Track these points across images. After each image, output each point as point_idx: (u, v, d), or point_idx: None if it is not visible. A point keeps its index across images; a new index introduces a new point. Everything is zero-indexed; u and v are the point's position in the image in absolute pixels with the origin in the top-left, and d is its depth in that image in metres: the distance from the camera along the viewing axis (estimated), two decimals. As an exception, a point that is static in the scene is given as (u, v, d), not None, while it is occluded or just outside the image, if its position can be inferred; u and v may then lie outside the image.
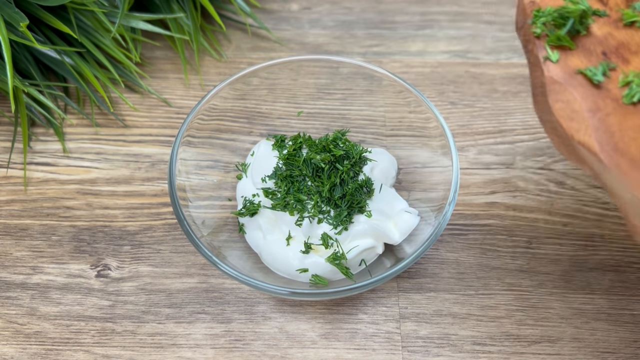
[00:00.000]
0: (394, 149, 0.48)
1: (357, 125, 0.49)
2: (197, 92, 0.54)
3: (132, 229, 0.47)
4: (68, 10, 0.50)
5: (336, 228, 0.41)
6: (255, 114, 0.49)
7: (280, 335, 0.42)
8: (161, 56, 0.57)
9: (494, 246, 0.46)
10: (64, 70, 0.51)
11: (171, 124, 0.52)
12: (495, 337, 0.42)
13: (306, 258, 0.41)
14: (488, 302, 0.43)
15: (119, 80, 0.52)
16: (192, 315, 0.43)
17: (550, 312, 0.43)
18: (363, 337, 0.42)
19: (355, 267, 0.41)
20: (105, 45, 0.51)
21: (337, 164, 0.42)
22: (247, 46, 0.58)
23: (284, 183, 0.42)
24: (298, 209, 0.41)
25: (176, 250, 0.46)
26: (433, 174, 0.44)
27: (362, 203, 0.41)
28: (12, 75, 0.45)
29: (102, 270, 0.45)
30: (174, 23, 0.54)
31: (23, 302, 0.43)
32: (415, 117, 0.46)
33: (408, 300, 0.43)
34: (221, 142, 0.47)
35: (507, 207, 0.48)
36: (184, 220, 0.40)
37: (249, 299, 0.43)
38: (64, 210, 0.47)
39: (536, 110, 0.32)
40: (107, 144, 0.51)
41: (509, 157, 0.50)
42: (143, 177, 0.49)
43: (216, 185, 0.46)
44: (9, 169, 0.50)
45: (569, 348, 0.42)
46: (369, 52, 0.57)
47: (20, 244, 0.46)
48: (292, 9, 0.61)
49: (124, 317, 0.43)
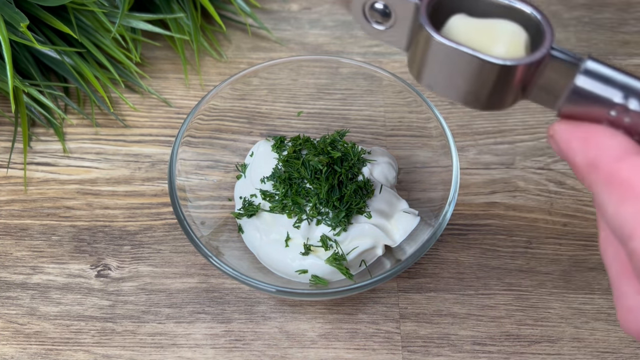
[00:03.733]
0: (394, 149, 0.48)
1: (357, 125, 0.49)
2: (197, 92, 0.54)
3: (132, 229, 0.47)
4: (68, 10, 0.50)
5: (335, 229, 0.41)
6: (255, 114, 0.49)
7: (280, 335, 0.42)
8: (161, 56, 0.57)
9: (493, 246, 0.46)
10: (64, 70, 0.51)
11: (171, 124, 0.52)
12: (495, 337, 0.42)
13: (305, 259, 0.41)
14: (488, 302, 0.43)
15: (119, 80, 0.52)
16: (192, 315, 0.43)
17: (550, 312, 0.43)
18: (363, 337, 0.42)
19: (355, 267, 0.41)
20: (105, 45, 0.51)
21: (335, 165, 0.42)
22: (247, 46, 0.58)
23: (282, 185, 0.42)
24: (296, 212, 0.41)
25: (176, 250, 0.46)
26: (433, 174, 0.44)
27: (361, 204, 0.41)
28: (12, 76, 0.45)
29: (102, 270, 0.45)
30: (174, 23, 0.54)
31: (23, 302, 0.43)
32: (415, 117, 0.46)
33: (408, 300, 0.43)
34: (221, 142, 0.47)
35: (507, 207, 0.48)
36: (184, 220, 0.40)
37: (249, 299, 0.43)
38: (64, 210, 0.47)
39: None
40: (107, 144, 0.51)
41: (509, 157, 0.50)
42: (143, 177, 0.49)
43: (216, 186, 0.46)
44: (9, 169, 0.50)
45: (568, 348, 0.42)
46: (369, 52, 0.57)
47: (20, 244, 0.46)
48: (292, 9, 0.61)
49: (124, 317, 0.43)
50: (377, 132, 0.49)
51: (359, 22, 0.25)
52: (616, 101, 0.22)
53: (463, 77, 0.22)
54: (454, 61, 0.22)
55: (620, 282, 0.21)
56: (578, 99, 0.22)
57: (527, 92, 0.23)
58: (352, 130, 0.49)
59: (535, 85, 0.23)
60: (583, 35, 0.58)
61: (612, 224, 0.20)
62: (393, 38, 0.24)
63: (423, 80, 0.24)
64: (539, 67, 0.22)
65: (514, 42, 0.22)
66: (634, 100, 0.21)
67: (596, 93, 0.22)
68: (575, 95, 0.22)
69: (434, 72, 0.23)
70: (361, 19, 0.25)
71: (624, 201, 0.19)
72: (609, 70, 0.22)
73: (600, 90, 0.22)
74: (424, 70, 0.24)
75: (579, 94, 0.22)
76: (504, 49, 0.22)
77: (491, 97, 0.23)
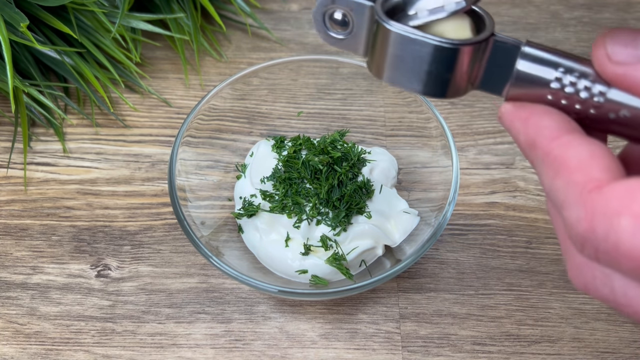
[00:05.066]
0: (394, 149, 0.48)
1: (357, 125, 0.49)
2: (197, 92, 0.54)
3: (132, 229, 0.47)
4: (68, 10, 0.50)
5: (334, 229, 0.41)
6: (255, 114, 0.49)
7: (280, 335, 0.42)
8: (161, 56, 0.57)
9: (493, 246, 0.46)
10: (64, 71, 0.51)
11: (171, 124, 0.52)
12: (495, 337, 0.42)
13: (305, 259, 0.41)
14: (488, 302, 0.43)
15: (119, 81, 0.52)
16: (192, 315, 0.43)
17: (550, 312, 0.43)
18: (363, 337, 0.42)
19: (355, 267, 0.41)
20: (105, 45, 0.51)
21: (336, 165, 0.42)
22: (247, 46, 0.58)
23: (282, 185, 0.42)
24: (296, 212, 0.41)
25: (176, 250, 0.46)
26: (433, 174, 0.44)
27: (361, 204, 0.41)
28: (12, 76, 0.45)
29: (102, 270, 0.45)
30: (174, 23, 0.54)
31: (23, 302, 0.43)
32: (415, 117, 0.46)
33: (408, 300, 0.43)
34: (221, 142, 0.47)
35: (507, 207, 0.48)
36: (184, 220, 0.40)
37: (249, 299, 0.43)
38: (64, 210, 0.47)
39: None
40: (107, 144, 0.51)
41: (509, 157, 0.50)
42: (143, 177, 0.49)
43: (216, 186, 0.46)
44: (9, 169, 0.50)
45: (568, 348, 0.42)
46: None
47: (20, 244, 0.46)
48: (292, 9, 0.61)
49: (124, 317, 0.43)
50: (377, 132, 0.49)
51: (320, 32, 0.27)
52: (553, 82, 0.23)
53: (418, 64, 0.24)
54: (409, 49, 0.24)
55: (567, 243, 0.23)
56: (520, 82, 0.24)
57: (477, 80, 0.25)
58: (352, 130, 0.49)
59: (484, 71, 0.25)
60: (583, 35, 0.58)
61: (549, 196, 0.22)
62: (351, 45, 0.26)
63: (384, 76, 0.25)
64: (486, 52, 0.24)
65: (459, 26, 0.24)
66: (568, 80, 0.23)
67: (535, 75, 0.24)
68: (517, 79, 0.24)
69: (392, 66, 0.25)
70: (322, 29, 0.26)
71: (556, 175, 0.21)
72: (545, 53, 0.23)
73: (539, 72, 0.23)
74: (383, 65, 0.25)
75: (520, 77, 0.24)
76: (453, 34, 0.24)
77: (446, 83, 0.25)
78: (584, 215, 0.20)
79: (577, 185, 0.21)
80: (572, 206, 0.21)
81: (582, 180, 0.21)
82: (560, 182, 0.21)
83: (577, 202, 0.20)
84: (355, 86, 0.49)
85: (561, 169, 0.21)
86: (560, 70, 0.23)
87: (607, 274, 0.22)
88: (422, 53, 0.24)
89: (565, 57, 0.23)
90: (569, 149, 0.21)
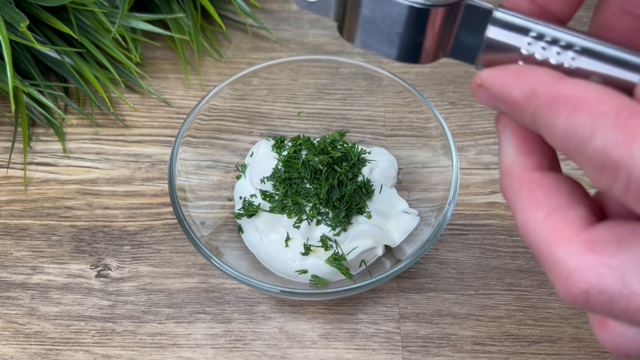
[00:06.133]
0: (394, 149, 0.48)
1: (357, 125, 0.49)
2: (197, 92, 0.54)
3: (132, 229, 0.47)
4: (68, 10, 0.50)
5: (334, 229, 0.41)
6: (255, 114, 0.49)
7: (280, 335, 0.42)
8: (161, 56, 0.57)
9: (493, 246, 0.46)
10: (64, 71, 0.51)
11: (171, 124, 0.52)
12: (495, 337, 0.42)
13: (305, 259, 0.41)
14: (488, 302, 0.43)
15: (119, 81, 0.52)
16: (192, 315, 0.43)
17: (550, 312, 0.43)
18: (363, 337, 0.42)
19: (355, 267, 0.41)
20: (105, 45, 0.51)
21: (336, 165, 0.42)
22: (247, 46, 0.58)
23: (282, 185, 0.42)
24: (296, 212, 0.41)
25: (176, 250, 0.46)
26: (433, 174, 0.44)
27: (361, 204, 0.41)
28: (12, 76, 0.45)
29: (102, 270, 0.45)
30: (174, 23, 0.54)
31: (23, 302, 0.43)
32: (415, 117, 0.46)
33: (408, 300, 0.43)
34: (221, 142, 0.47)
35: (507, 207, 0.47)
36: (184, 220, 0.40)
37: (249, 299, 0.43)
38: (64, 210, 0.47)
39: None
40: (107, 144, 0.51)
41: (509, 157, 0.50)
42: (143, 177, 0.49)
43: (216, 186, 0.46)
44: (9, 169, 0.50)
45: (568, 348, 0.42)
46: (369, 52, 0.57)
47: (20, 244, 0.46)
48: (292, 9, 0.61)
49: (124, 317, 0.43)
50: (377, 132, 0.49)
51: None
52: (524, 48, 0.23)
53: (389, 25, 0.24)
54: (380, 10, 0.24)
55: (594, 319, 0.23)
56: (492, 49, 0.24)
57: (449, 46, 0.25)
58: (352, 130, 0.49)
59: (456, 37, 0.25)
60: (583, 35, 0.58)
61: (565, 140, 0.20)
62: (322, 7, 0.26)
63: (356, 41, 0.25)
64: (457, 16, 0.24)
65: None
66: (539, 46, 0.23)
67: (506, 42, 0.23)
68: (488, 46, 0.24)
69: (363, 28, 0.25)
70: None
71: (574, 112, 0.20)
72: (516, 18, 0.23)
73: (510, 39, 0.23)
74: (354, 29, 0.25)
75: (491, 44, 0.24)
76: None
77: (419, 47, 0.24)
78: (623, 139, 0.19)
79: (607, 114, 0.19)
80: (604, 133, 0.19)
81: (612, 109, 0.19)
82: (583, 117, 0.19)
83: (613, 127, 0.19)
84: (355, 86, 0.49)
85: (580, 105, 0.20)
86: (532, 36, 0.23)
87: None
88: (393, 14, 0.24)
89: (536, 22, 0.23)
90: (580, 86, 0.20)
